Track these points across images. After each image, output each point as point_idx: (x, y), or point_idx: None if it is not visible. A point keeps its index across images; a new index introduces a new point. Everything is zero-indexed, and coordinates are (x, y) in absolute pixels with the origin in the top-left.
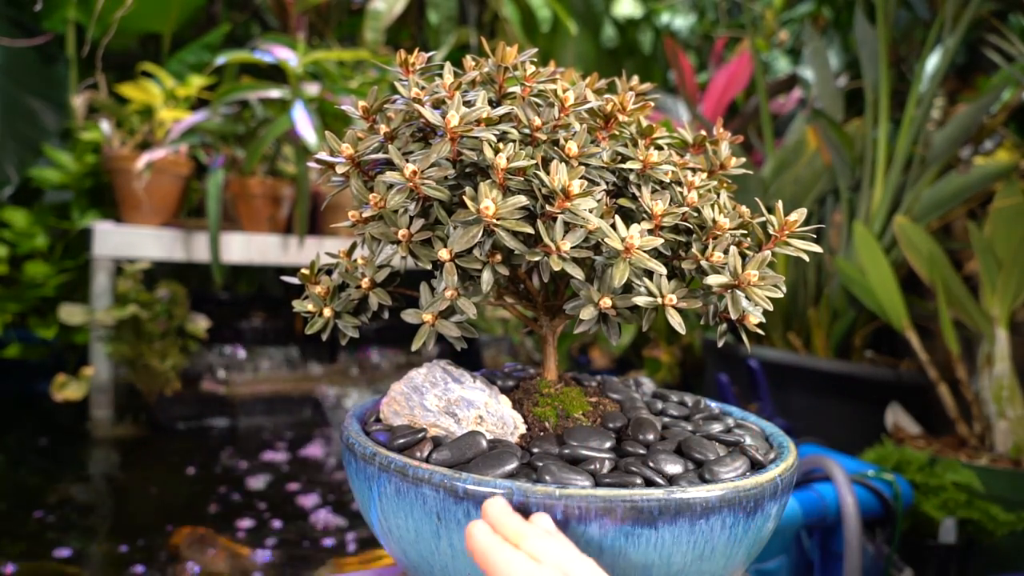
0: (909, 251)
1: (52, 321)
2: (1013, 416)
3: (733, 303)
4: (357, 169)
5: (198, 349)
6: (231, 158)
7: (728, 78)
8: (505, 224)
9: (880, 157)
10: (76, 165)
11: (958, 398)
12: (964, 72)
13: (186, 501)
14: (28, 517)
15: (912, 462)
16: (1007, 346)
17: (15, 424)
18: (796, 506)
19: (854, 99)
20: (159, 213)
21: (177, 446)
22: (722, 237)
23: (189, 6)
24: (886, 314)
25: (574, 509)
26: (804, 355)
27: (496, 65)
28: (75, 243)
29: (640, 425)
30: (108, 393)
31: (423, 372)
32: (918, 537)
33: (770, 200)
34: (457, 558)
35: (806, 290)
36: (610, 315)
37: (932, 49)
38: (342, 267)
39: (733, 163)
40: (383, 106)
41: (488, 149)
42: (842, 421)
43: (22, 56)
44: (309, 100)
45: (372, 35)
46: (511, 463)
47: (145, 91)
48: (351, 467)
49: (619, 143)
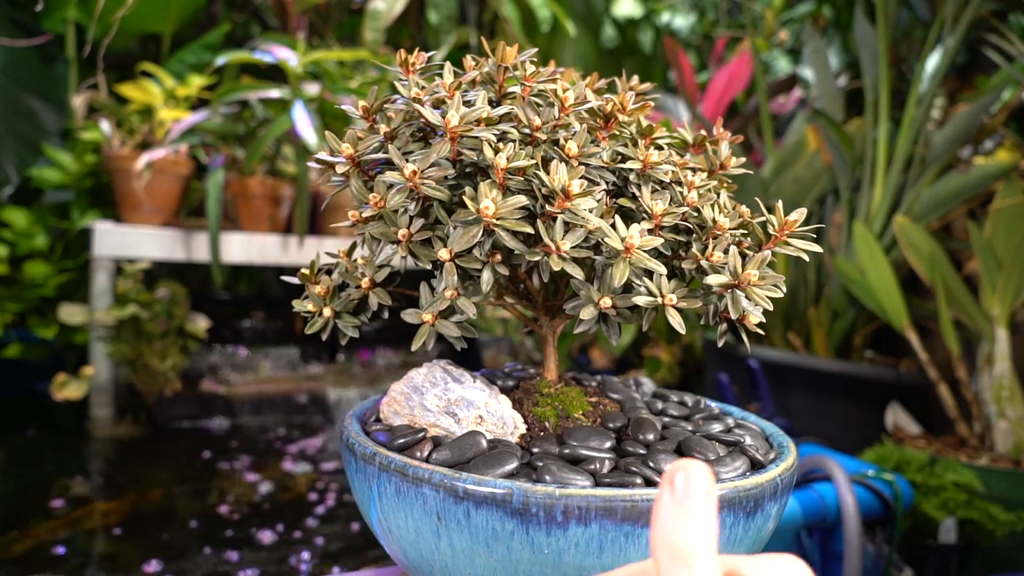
0: (909, 251)
1: (52, 321)
2: (1013, 416)
3: (733, 303)
4: (357, 169)
5: (198, 349)
6: (231, 158)
7: (728, 78)
8: (505, 224)
9: (880, 157)
10: (76, 165)
11: (958, 398)
12: (964, 72)
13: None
14: (28, 515)
15: (912, 462)
16: (1007, 346)
17: (15, 424)
18: (796, 506)
19: (854, 99)
20: (159, 213)
21: (177, 446)
22: (722, 237)
23: (189, 6)
24: (886, 314)
25: (574, 509)
26: (804, 355)
27: (496, 65)
28: (75, 243)
29: (640, 425)
30: (108, 393)
31: (423, 372)
32: (918, 537)
33: (770, 200)
34: (457, 558)
35: (806, 290)
36: (610, 315)
37: (932, 49)
38: (342, 267)
39: (733, 163)
40: (383, 106)
41: (488, 149)
42: (842, 421)
43: (22, 56)
44: (309, 100)
45: (372, 35)
46: (511, 463)
47: (145, 91)
48: (351, 467)
49: (619, 143)
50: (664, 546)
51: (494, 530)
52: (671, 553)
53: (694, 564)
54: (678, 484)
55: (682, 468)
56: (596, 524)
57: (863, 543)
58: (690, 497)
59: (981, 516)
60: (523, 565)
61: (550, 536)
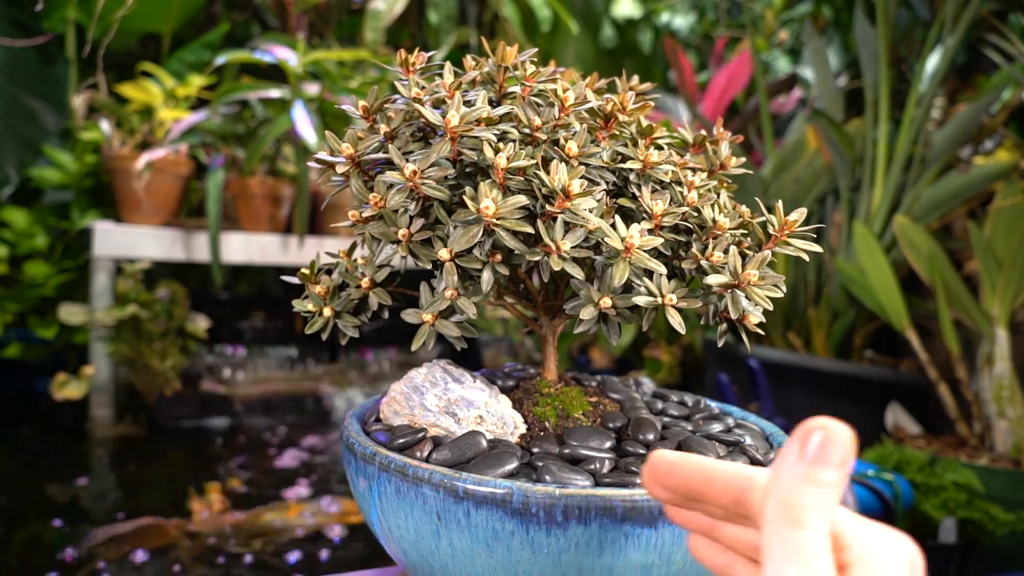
0: (909, 251)
1: (52, 321)
2: (1013, 416)
3: (733, 303)
4: (357, 169)
5: (198, 349)
6: (231, 158)
7: (728, 78)
8: (505, 224)
9: (880, 157)
10: (76, 165)
11: (958, 398)
12: (964, 72)
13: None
14: (29, 515)
15: (912, 462)
16: (1007, 346)
17: (15, 424)
18: None
19: (854, 99)
20: (159, 213)
21: (177, 446)
22: (722, 237)
23: (189, 6)
24: (886, 314)
25: (574, 509)
26: (804, 355)
27: (496, 65)
28: (75, 243)
29: (640, 425)
30: (108, 393)
31: (423, 372)
32: (918, 537)
33: (770, 200)
34: (457, 558)
35: (806, 290)
36: (610, 315)
37: (932, 49)
38: (342, 267)
39: (733, 163)
40: (383, 106)
41: (488, 149)
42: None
43: (22, 56)
44: (309, 100)
45: (372, 35)
46: (511, 463)
47: (145, 91)
48: (351, 467)
49: (619, 143)
50: (778, 502)
51: (494, 530)
52: (783, 511)
53: (807, 526)
54: (812, 444)
55: (821, 427)
56: (596, 524)
57: None
58: (824, 461)
59: (981, 516)
60: (523, 565)
61: (550, 536)
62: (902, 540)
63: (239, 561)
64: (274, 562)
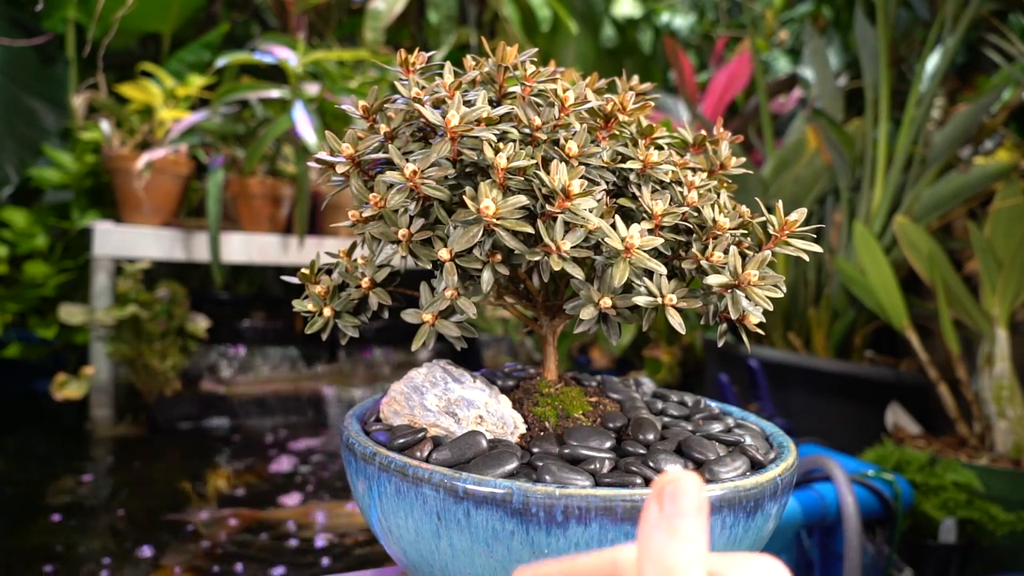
0: (909, 251)
1: (52, 321)
2: (1013, 416)
3: (733, 303)
4: (357, 169)
5: (198, 349)
6: (231, 158)
7: (728, 78)
8: (505, 224)
9: (880, 157)
10: (76, 165)
11: (958, 398)
12: (964, 72)
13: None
14: (28, 515)
15: (912, 462)
16: (1007, 346)
17: (15, 423)
18: (796, 506)
19: (854, 99)
20: (159, 213)
21: (177, 446)
22: (722, 237)
23: (189, 6)
24: (886, 314)
25: (574, 509)
26: (804, 355)
27: (496, 65)
28: (75, 243)
29: (640, 425)
30: (108, 393)
31: (423, 372)
32: (918, 537)
33: (770, 200)
34: (457, 558)
35: (806, 290)
36: (610, 315)
37: (932, 49)
38: (342, 267)
39: (733, 163)
40: (383, 106)
41: (488, 149)
42: (842, 421)
43: (22, 56)
44: (309, 100)
45: (372, 35)
46: (511, 463)
47: (145, 91)
48: (351, 467)
49: (619, 143)
50: (650, 562)
51: (494, 530)
52: (657, 569)
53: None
54: (667, 497)
55: (671, 481)
56: (596, 524)
57: (863, 543)
58: (679, 513)
59: (981, 516)
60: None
61: (550, 536)
62: (771, 563)
63: (239, 560)
64: (274, 561)
